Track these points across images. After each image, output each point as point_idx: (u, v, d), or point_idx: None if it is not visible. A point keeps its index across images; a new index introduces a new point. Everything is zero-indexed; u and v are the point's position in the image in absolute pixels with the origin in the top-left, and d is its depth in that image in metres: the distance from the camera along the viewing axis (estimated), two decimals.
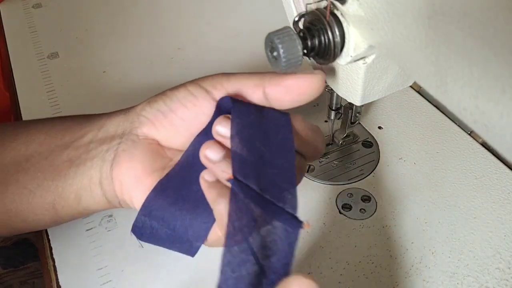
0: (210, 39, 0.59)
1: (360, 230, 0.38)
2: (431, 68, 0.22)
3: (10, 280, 0.55)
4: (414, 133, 0.46)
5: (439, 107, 0.48)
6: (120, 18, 0.63)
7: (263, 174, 0.27)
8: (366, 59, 0.30)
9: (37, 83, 0.52)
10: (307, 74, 0.29)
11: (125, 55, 0.57)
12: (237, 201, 0.26)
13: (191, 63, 0.55)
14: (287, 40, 0.28)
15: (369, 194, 0.40)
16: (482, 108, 0.19)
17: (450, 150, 0.44)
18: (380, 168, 0.43)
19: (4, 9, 0.64)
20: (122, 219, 0.39)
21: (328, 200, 0.40)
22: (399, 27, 0.23)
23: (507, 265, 0.35)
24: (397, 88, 0.34)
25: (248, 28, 0.60)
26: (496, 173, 0.42)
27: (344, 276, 0.35)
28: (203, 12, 0.64)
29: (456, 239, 0.37)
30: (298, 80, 0.29)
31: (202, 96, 0.30)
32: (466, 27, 0.19)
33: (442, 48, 0.20)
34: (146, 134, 0.31)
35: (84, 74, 0.54)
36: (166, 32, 0.60)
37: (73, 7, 0.65)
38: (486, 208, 0.39)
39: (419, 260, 0.36)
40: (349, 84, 0.33)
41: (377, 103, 0.49)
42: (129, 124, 0.31)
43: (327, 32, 0.28)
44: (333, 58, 0.29)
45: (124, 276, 0.35)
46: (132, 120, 0.31)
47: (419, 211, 0.39)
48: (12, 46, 0.58)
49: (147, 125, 0.31)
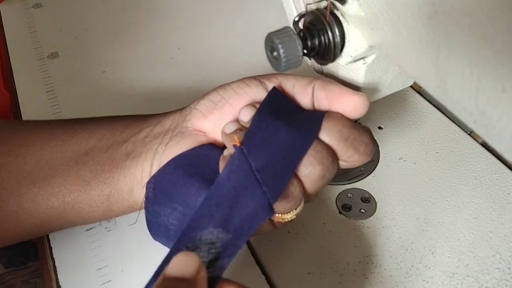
0: (210, 39, 0.59)
1: (360, 230, 0.38)
2: (431, 68, 0.22)
3: (12, 280, 0.55)
4: (414, 133, 0.46)
5: (439, 107, 0.48)
6: (120, 18, 0.63)
7: (266, 157, 0.28)
8: (366, 59, 0.30)
9: (37, 83, 0.52)
10: (354, 91, 0.30)
11: (125, 55, 0.57)
12: (232, 165, 0.28)
13: (191, 63, 0.55)
14: (287, 40, 0.28)
15: (369, 194, 0.40)
16: (482, 108, 0.19)
17: (450, 150, 0.44)
18: (380, 168, 0.43)
19: (4, 9, 0.64)
20: (122, 219, 0.39)
21: (328, 200, 0.40)
22: (399, 27, 0.23)
23: (507, 265, 0.35)
24: (397, 88, 0.34)
25: (248, 28, 0.60)
26: (496, 173, 0.42)
27: (344, 276, 0.35)
28: (203, 12, 0.64)
29: (456, 239, 0.37)
30: (342, 90, 0.29)
31: (254, 85, 0.31)
32: (466, 27, 0.19)
33: (442, 48, 0.20)
34: (195, 125, 0.32)
35: (84, 74, 0.54)
36: (166, 32, 0.60)
37: (73, 7, 0.65)
38: (486, 208, 0.39)
39: (419, 260, 0.36)
40: (349, 84, 0.33)
41: (377, 103, 0.49)
42: (183, 118, 0.33)
43: (327, 32, 0.28)
44: (333, 58, 0.29)
45: (124, 276, 0.35)
46: (186, 114, 0.33)
47: (419, 211, 0.39)
48: (12, 46, 0.58)
49: (197, 117, 0.32)
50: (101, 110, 0.45)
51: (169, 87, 0.52)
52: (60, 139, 0.33)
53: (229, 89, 0.32)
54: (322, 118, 0.29)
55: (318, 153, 0.28)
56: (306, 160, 0.28)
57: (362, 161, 0.30)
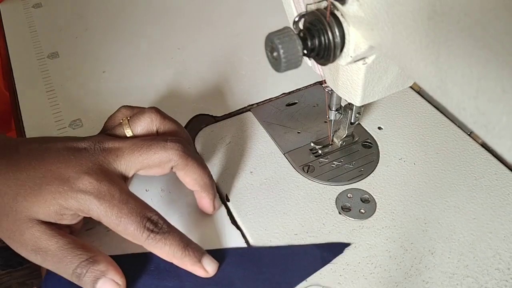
0: (210, 39, 0.59)
1: (359, 230, 0.38)
2: (431, 69, 0.22)
3: (8, 281, 0.55)
4: (414, 134, 0.46)
5: (439, 108, 0.48)
6: (120, 18, 0.63)
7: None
8: (366, 60, 0.30)
9: (37, 83, 0.52)
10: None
11: (125, 55, 0.57)
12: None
13: (191, 63, 0.55)
14: (287, 41, 0.27)
15: (369, 195, 0.40)
16: (482, 109, 0.19)
17: (450, 151, 0.44)
18: (380, 168, 0.43)
19: (4, 9, 0.64)
20: None
21: (328, 201, 0.40)
22: (399, 27, 0.23)
23: (507, 266, 0.35)
24: (397, 89, 0.34)
25: (248, 28, 0.60)
26: (496, 174, 0.42)
27: (344, 276, 0.35)
28: (203, 12, 0.64)
29: (455, 240, 0.37)
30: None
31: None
32: (466, 28, 0.19)
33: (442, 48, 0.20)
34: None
35: (84, 74, 0.54)
36: (166, 32, 0.60)
37: (73, 7, 0.65)
38: (486, 209, 0.39)
39: (419, 261, 0.36)
40: (349, 85, 0.33)
41: (377, 103, 0.49)
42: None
43: (327, 32, 0.28)
44: (333, 58, 0.29)
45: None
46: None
47: (418, 212, 0.39)
48: (12, 46, 0.58)
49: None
50: (101, 110, 0.45)
51: (169, 87, 0.52)
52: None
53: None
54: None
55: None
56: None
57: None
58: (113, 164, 0.35)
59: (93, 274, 0.32)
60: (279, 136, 0.46)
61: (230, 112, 0.49)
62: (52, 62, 0.55)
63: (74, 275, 0.33)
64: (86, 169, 0.33)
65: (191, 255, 0.34)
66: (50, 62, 0.55)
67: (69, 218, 0.33)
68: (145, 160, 0.35)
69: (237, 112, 0.49)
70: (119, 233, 0.33)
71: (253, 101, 0.50)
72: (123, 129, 0.37)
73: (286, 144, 0.45)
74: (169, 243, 0.33)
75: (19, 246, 0.33)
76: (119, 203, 0.33)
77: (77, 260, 0.32)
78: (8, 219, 0.32)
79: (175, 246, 0.33)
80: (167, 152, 0.35)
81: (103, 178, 0.33)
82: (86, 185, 0.32)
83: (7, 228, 0.33)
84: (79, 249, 0.33)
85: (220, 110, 0.49)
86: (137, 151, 0.35)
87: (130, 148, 0.35)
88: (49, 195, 0.32)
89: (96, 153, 0.35)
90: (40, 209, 0.32)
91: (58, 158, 0.34)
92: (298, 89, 0.51)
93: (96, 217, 0.33)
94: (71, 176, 0.33)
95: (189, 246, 0.34)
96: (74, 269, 0.32)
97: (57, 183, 0.33)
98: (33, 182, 0.33)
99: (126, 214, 0.32)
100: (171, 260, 0.34)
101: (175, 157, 0.35)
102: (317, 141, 0.45)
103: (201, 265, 0.34)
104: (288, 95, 0.51)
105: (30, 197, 0.32)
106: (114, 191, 0.33)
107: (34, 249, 0.32)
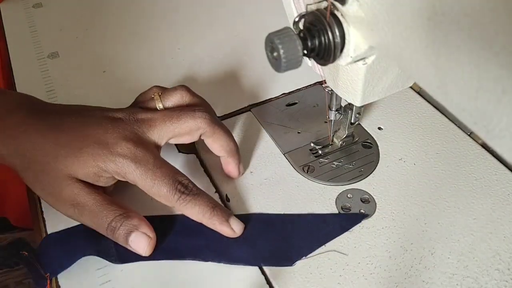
0: (210, 39, 0.59)
1: (359, 231, 0.38)
2: (431, 69, 0.22)
3: (5, 281, 0.55)
4: (414, 134, 0.46)
5: (439, 108, 0.48)
6: (120, 18, 0.63)
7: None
8: (366, 60, 0.30)
9: (37, 83, 0.52)
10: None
11: (125, 55, 0.57)
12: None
13: (191, 63, 0.55)
14: (287, 41, 0.27)
15: (369, 195, 0.40)
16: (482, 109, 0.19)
17: (450, 151, 0.44)
18: (380, 169, 0.43)
19: (4, 9, 0.64)
20: None
21: (328, 201, 0.40)
22: (399, 28, 0.23)
23: (507, 267, 0.35)
24: (397, 89, 0.34)
25: (248, 28, 0.60)
26: (496, 174, 0.42)
27: (343, 277, 0.35)
28: (203, 12, 0.64)
29: (455, 240, 0.37)
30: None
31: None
32: (466, 28, 0.19)
33: (442, 49, 0.20)
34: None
35: (84, 74, 0.54)
36: (166, 32, 0.60)
37: (73, 7, 0.65)
38: (486, 209, 0.39)
39: (419, 261, 0.36)
40: (349, 85, 0.33)
41: (377, 103, 0.49)
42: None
43: (327, 32, 0.28)
44: (333, 58, 0.29)
45: (124, 275, 0.35)
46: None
47: (418, 212, 0.39)
48: (12, 46, 0.58)
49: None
50: None
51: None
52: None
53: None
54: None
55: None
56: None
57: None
58: (146, 133, 0.37)
59: (126, 227, 0.35)
60: (279, 136, 0.46)
61: (230, 112, 0.49)
62: (52, 62, 0.55)
63: (109, 228, 0.35)
64: (123, 136, 0.36)
65: (219, 215, 0.36)
66: (50, 62, 0.55)
67: (105, 180, 0.36)
68: (176, 129, 0.37)
69: (237, 112, 0.49)
70: (152, 195, 0.35)
71: (253, 101, 0.50)
72: (155, 103, 0.40)
73: (286, 144, 0.45)
74: (198, 203, 0.36)
75: (58, 201, 0.35)
76: (154, 167, 0.35)
77: (112, 215, 0.35)
78: (49, 176, 0.35)
79: (204, 206, 0.36)
80: (196, 121, 0.38)
81: (139, 145, 0.36)
82: (124, 149, 0.35)
83: (47, 185, 0.35)
84: (114, 205, 0.35)
85: (220, 110, 0.49)
86: (168, 121, 0.37)
87: (162, 118, 0.38)
88: (89, 157, 0.35)
89: (131, 123, 0.37)
90: (79, 169, 0.35)
91: (97, 124, 0.36)
92: (298, 89, 0.51)
93: (132, 180, 0.35)
94: (110, 142, 0.35)
95: (217, 207, 0.37)
96: (109, 222, 0.35)
97: (97, 147, 0.35)
98: (74, 144, 0.35)
99: (160, 177, 0.35)
100: (201, 220, 0.36)
101: (203, 124, 0.38)
102: (317, 141, 0.45)
103: (229, 224, 0.36)
104: (288, 95, 0.51)
105: (71, 157, 0.35)
106: (149, 157, 0.35)
107: (73, 204, 0.35)
